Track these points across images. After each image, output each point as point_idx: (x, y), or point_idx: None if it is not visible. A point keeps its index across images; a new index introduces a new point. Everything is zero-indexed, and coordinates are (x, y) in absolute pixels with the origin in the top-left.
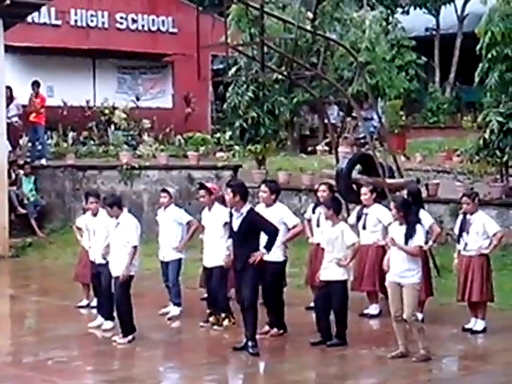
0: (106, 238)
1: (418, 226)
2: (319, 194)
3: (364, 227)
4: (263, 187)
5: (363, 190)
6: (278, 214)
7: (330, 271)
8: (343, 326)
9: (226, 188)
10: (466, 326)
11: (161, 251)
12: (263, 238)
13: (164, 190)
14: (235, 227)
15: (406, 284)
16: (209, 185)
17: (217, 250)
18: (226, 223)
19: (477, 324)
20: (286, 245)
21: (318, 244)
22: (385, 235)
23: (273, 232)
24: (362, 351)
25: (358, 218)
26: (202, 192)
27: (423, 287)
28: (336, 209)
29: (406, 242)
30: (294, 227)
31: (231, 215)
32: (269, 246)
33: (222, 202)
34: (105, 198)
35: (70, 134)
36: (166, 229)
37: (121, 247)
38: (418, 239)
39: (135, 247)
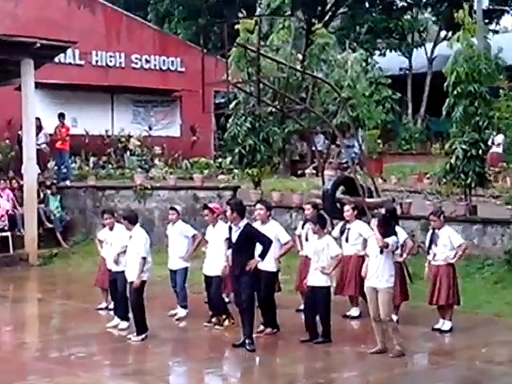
0: (121, 248)
1: (392, 237)
2: (305, 211)
3: (347, 240)
4: (259, 205)
5: (346, 207)
6: (273, 230)
7: (315, 278)
8: (327, 325)
9: (226, 205)
10: (435, 326)
11: (170, 260)
12: (258, 248)
13: (172, 208)
14: (234, 239)
15: (381, 288)
16: (211, 205)
17: (217, 262)
18: (226, 239)
19: (444, 324)
20: (279, 259)
21: (307, 256)
22: (365, 247)
23: (266, 242)
24: (345, 348)
25: (341, 232)
26: (205, 211)
27: (399, 292)
28: (321, 224)
29: (382, 252)
30: (286, 243)
31: (230, 229)
32: (263, 255)
33: (225, 216)
34: (123, 212)
35: (91, 159)
36: (174, 241)
37: (133, 257)
38: (390, 239)
39: (144, 258)
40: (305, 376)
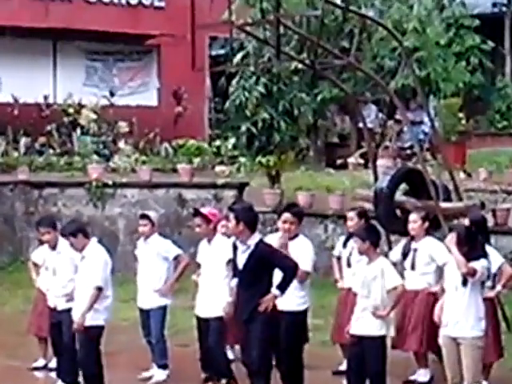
0: (71, 277)
1: (482, 261)
2: (348, 222)
3: (413, 267)
4: (289, 216)
5: (413, 216)
6: (298, 251)
7: (363, 323)
8: None
9: (229, 212)
10: None
11: (140, 296)
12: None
13: (144, 216)
14: (240, 265)
15: (465, 339)
16: (205, 210)
17: (216, 296)
18: (229, 260)
19: None
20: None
21: (350, 289)
22: (438, 278)
23: (290, 268)
24: None
25: (405, 255)
26: (197, 220)
27: (491, 345)
28: (373, 240)
29: (465, 283)
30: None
31: (235, 248)
32: (283, 286)
33: (227, 225)
34: (63, 227)
35: (23, 140)
36: (147, 266)
37: (85, 289)
38: (478, 264)
39: (99, 289)
40: None
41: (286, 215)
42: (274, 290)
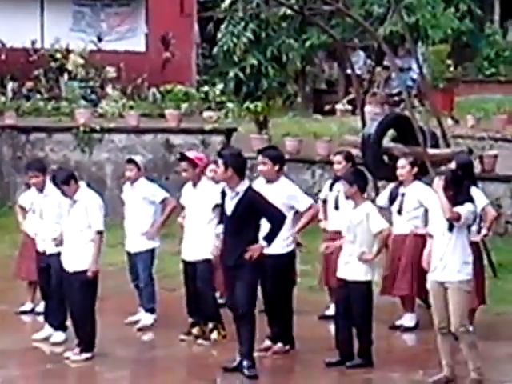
0: (58, 221)
1: (467, 205)
2: (335, 166)
3: (399, 212)
4: (261, 158)
5: (401, 162)
6: (284, 192)
7: (350, 268)
8: (368, 341)
9: (217, 158)
10: None
11: (128, 240)
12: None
13: (130, 161)
14: (228, 211)
15: (452, 283)
16: (192, 154)
17: (202, 240)
18: (216, 205)
19: None
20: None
21: (337, 232)
22: (427, 222)
23: (278, 219)
24: (393, 375)
25: (392, 200)
26: (183, 165)
27: (474, 291)
28: (360, 185)
29: (452, 228)
30: (308, 209)
31: (224, 195)
32: (271, 237)
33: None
34: (54, 177)
35: (10, 85)
36: (134, 210)
37: (78, 233)
38: (463, 208)
39: (101, 233)
40: None
41: (259, 158)
42: (262, 241)
